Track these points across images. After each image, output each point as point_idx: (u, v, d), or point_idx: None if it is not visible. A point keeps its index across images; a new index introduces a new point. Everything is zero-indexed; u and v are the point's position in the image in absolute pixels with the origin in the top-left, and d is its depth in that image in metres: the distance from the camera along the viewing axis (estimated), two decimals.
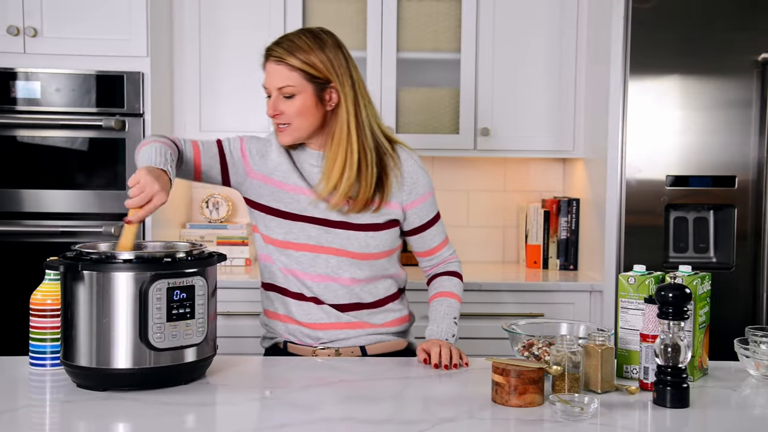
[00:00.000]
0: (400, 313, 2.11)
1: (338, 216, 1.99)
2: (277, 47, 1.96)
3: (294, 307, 2.02)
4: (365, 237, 2.00)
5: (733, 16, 2.92)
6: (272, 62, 1.95)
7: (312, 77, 1.93)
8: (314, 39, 1.95)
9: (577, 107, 3.28)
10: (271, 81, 1.96)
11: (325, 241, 1.99)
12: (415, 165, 2.05)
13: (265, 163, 2.03)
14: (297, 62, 1.92)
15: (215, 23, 3.22)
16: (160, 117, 3.08)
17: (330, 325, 2.02)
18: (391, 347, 2.08)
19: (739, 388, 1.76)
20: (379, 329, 2.05)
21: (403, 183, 2.03)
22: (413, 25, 3.27)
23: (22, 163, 2.96)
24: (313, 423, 1.49)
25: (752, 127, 2.93)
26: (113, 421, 1.51)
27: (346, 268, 2.00)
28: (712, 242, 3.04)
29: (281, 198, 2.01)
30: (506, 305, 3.02)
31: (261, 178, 2.03)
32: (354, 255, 1.99)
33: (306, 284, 2.01)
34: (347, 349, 2.03)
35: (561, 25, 3.26)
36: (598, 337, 1.70)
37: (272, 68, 1.95)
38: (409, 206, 2.05)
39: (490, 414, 1.54)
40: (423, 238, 2.11)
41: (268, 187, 2.02)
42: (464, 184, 3.60)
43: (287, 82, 1.93)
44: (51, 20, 2.93)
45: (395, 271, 2.10)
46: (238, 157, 2.04)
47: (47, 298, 1.77)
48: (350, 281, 2.00)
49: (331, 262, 1.99)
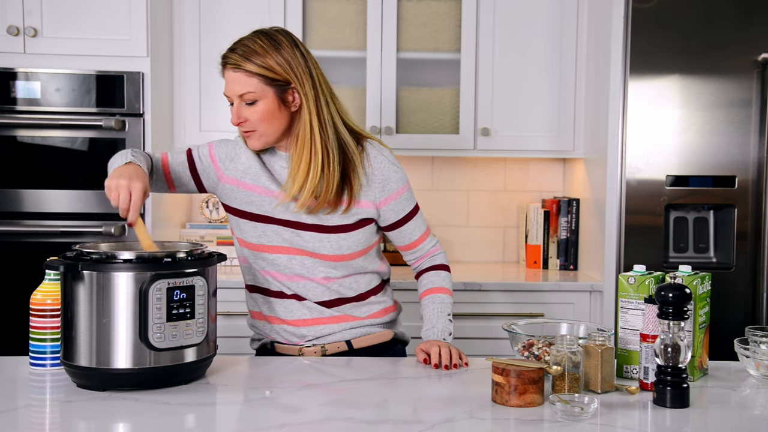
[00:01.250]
0: (384, 304, 2.09)
1: (310, 218, 1.96)
2: (232, 54, 1.90)
3: (277, 306, 2.02)
4: (337, 239, 1.97)
5: (733, 16, 2.92)
6: (230, 70, 1.90)
7: (271, 81, 1.88)
8: (269, 40, 1.90)
9: (577, 107, 3.28)
10: (231, 89, 1.90)
11: (299, 243, 1.97)
12: (386, 161, 2.00)
13: (235, 167, 2.01)
14: (254, 67, 1.87)
15: (215, 23, 3.22)
16: (160, 117, 3.08)
17: (313, 321, 2.01)
18: (377, 339, 2.06)
19: (739, 388, 1.76)
20: (364, 321, 2.04)
21: (373, 180, 1.98)
22: (413, 25, 3.27)
23: (22, 163, 2.96)
24: (312, 423, 1.49)
25: (752, 127, 2.93)
26: (113, 421, 1.51)
27: (321, 270, 1.98)
28: (712, 242, 3.04)
29: (253, 201, 1.98)
30: (506, 305, 3.02)
31: (233, 182, 2.00)
32: (327, 257, 1.97)
33: (285, 284, 2.00)
34: (333, 344, 2.02)
35: (561, 25, 3.26)
36: (598, 337, 1.70)
37: (230, 76, 1.90)
38: (382, 203, 2.00)
39: (490, 414, 1.54)
40: (402, 233, 2.07)
41: (240, 191, 2.00)
42: (464, 184, 3.60)
43: (247, 88, 1.88)
44: (51, 20, 2.93)
45: (375, 267, 2.07)
46: (208, 163, 2.03)
47: (47, 298, 1.77)
48: (327, 280, 1.99)
49: (306, 263, 1.97)
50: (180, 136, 3.24)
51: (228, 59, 1.90)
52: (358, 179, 1.96)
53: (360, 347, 2.03)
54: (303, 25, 3.22)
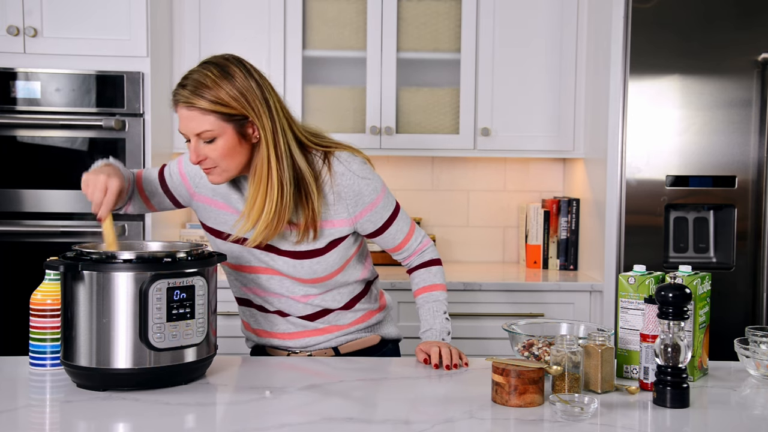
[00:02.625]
0: (369, 308, 2.06)
1: (284, 245, 1.90)
2: (182, 90, 1.78)
3: (261, 319, 2.02)
4: (310, 264, 1.90)
5: (733, 16, 2.92)
6: (182, 107, 1.78)
7: (228, 116, 1.77)
8: (220, 71, 1.79)
9: (577, 107, 3.28)
10: (186, 127, 1.79)
11: (275, 265, 1.93)
12: (354, 177, 1.89)
13: (205, 184, 1.95)
14: (208, 104, 1.75)
15: (215, 23, 3.22)
16: (160, 117, 3.08)
17: (298, 334, 2.00)
18: (363, 344, 2.05)
19: (739, 388, 1.76)
20: (348, 329, 2.02)
21: (344, 197, 1.89)
22: (413, 25, 3.27)
23: (22, 163, 2.96)
24: (312, 423, 1.49)
25: (752, 127, 2.93)
26: (113, 421, 1.51)
27: (300, 289, 1.95)
28: (712, 242, 3.04)
29: (226, 221, 1.93)
30: (506, 305, 3.02)
31: (205, 200, 1.96)
32: (303, 280, 1.94)
33: (266, 300, 1.98)
34: (320, 351, 2.01)
35: (561, 25, 3.26)
36: (598, 337, 1.70)
37: (184, 114, 1.78)
38: (358, 217, 1.92)
39: (490, 414, 1.54)
40: (385, 238, 2.01)
41: (213, 209, 1.95)
42: (464, 184, 3.60)
43: (204, 126, 1.76)
44: (51, 20, 2.93)
45: (356, 276, 2.02)
46: (179, 181, 1.98)
47: (47, 298, 1.77)
48: (307, 297, 1.97)
49: (285, 283, 1.95)
50: (180, 136, 3.24)
51: (179, 96, 1.78)
52: (324, 201, 1.88)
53: (347, 352, 2.03)
54: (303, 25, 3.22)
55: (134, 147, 2.95)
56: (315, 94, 3.25)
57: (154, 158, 2.99)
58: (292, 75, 3.22)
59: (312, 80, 3.28)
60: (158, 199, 2.03)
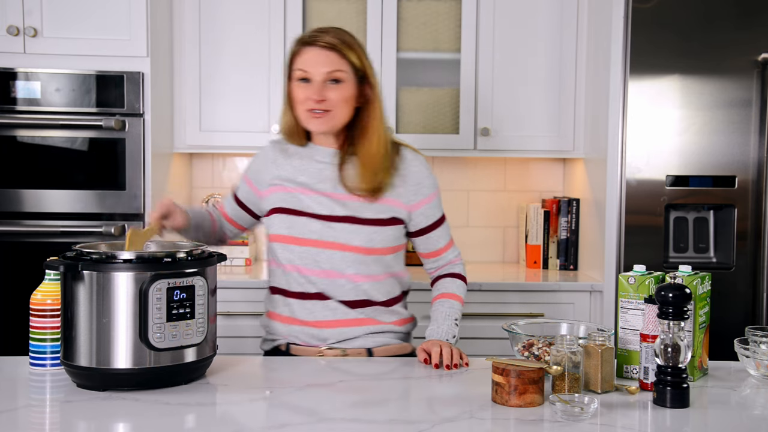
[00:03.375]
0: (404, 315, 2.11)
1: (343, 211, 2.00)
2: (324, 35, 1.99)
3: (297, 307, 2.02)
4: (369, 231, 1.99)
5: (733, 16, 2.92)
6: (320, 48, 1.97)
7: (356, 70, 2.00)
8: (353, 38, 2.04)
9: (577, 107, 3.28)
10: (321, 65, 1.97)
11: (329, 236, 1.99)
12: (421, 166, 2.08)
13: (264, 179, 2.11)
14: (348, 51, 1.99)
15: (215, 23, 3.22)
16: (160, 117, 3.08)
17: (336, 323, 2.00)
18: (396, 350, 2.06)
19: (739, 388, 1.76)
20: (385, 327, 2.04)
21: (407, 182, 2.05)
22: (413, 25, 3.27)
23: (22, 163, 2.96)
24: (312, 423, 1.49)
25: (752, 127, 2.93)
26: (113, 421, 1.51)
27: (350, 264, 1.99)
28: (712, 242, 3.04)
29: (284, 198, 2.04)
30: (506, 305, 3.02)
31: (271, 190, 2.09)
32: (358, 249, 1.98)
33: (311, 280, 2.00)
34: (354, 350, 2.01)
35: (561, 25, 3.26)
36: (598, 337, 1.70)
37: (321, 54, 1.97)
38: (415, 207, 2.06)
39: (490, 414, 1.54)
40: (429, 239, 2.11)
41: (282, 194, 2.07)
42: (464, 184, 3.60)
43: (339, 67, 1.97)
44: (51, 20, 2.93)
45: (399, 269, 2.09)
46: (246, 189, 2.16)
47: (47, 298, 1.77)
48: (356, 277, 2.00)
49: (335, 257, 1.99)
50: (180, 136, 3.24)
51: (319, 38, 1.98)
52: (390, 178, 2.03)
53: (380, 356, 2.03)
54: (303, 26, 3.22)
55: (134, 147, 2.95)
56: None
57: (154, 158, 2.99)
58: None
59: None
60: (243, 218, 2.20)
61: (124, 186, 2.95)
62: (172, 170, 3.27)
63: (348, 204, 2.01)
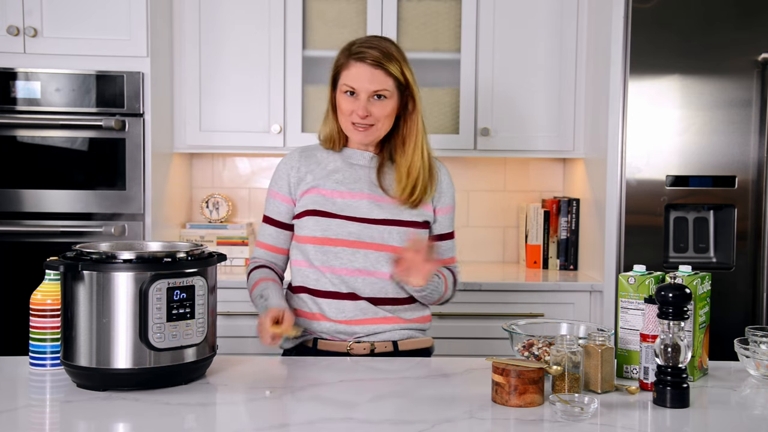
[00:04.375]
0: (425, 311, 2.15)
1: (380, 213, 2.05)
2: (372, 51, 2.02)
3: (326, 306, 2.05)
4: (404, 232, 2.05)
5: (733, 16, 2.92)
6: (368, 65, 2.02)
7: (400, 85, 2.06)
8: (398, 49, 2.08)
9: (577, 107, 3.28)
10: (368, 82, 2.02)
11: (366, 236, 2.03)
12: (446, 175, 2.19)
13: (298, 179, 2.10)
14: (394, 69, 2.04)
15: (215, 23, 3.22)
16: (160, 117, 3.08)
17: (366, 321, 2.04)
18: (420, 344, 2.12)
19: (739, 388, 1.76)
20: (410, 324, 2.09)
21: (437, 190, 2.14)
22: (413, 25, 3.27)
23: (22, 163, 2.96)
24: (312, 423, 1.49)
25: (752, 127, 2.93)
26: (113, 421, 1.51)
27: (385, 263, 2.03)
28: (712, 242, 3.04)
29: (316, 200, 2.07)
30: (506, 305, 3.02)
31: (300, 194, 2.10)
32: (394, 249, 2.02)
33: (344, 279, 2.03)
34: (381, 343, 2.05)
35: (561, 25, 3.26)
36: (598, 337, 1.70)
37: (369, 71, 2.02)
38: (438, 212, 2.16)
39: (490, 414, 1.54)
40: (440, 248, 2.16)
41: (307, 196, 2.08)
42: (464, 184, 3.60)
43: (384, 86, 2.03)
44: (51, 20, 2.93)
45: None
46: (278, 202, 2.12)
47: (47, 298, 1.77)
48: (388, 275, 2.04)
49: (370, 257, 2.03)
50: (180, 136, 3.24)
51: (368, 54, 2.02)
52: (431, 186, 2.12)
53: (404, 349, 2.07)
54: (303, 25, 3.22)
55: (134, 147, 2.95)
56: (315, 94, 3.25)
57: (154, 158, 2.99)
58: (292, 75, 3.22)
59: (312, 80, 3.27)
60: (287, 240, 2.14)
61: (124, 186, 2.95)
62: (172, 170, 3.27)
63: (384, 206, 2.06)
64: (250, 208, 3.60)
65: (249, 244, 3.34)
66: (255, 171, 3.61)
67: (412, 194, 2.06)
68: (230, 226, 3.38)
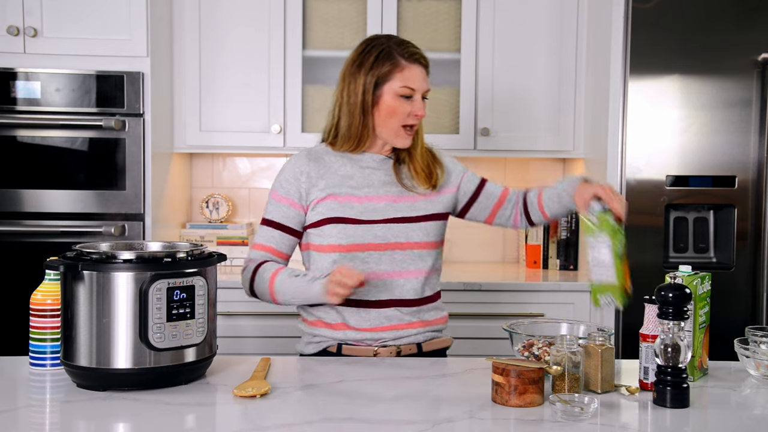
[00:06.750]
0: (444, 312, 2.17)
1: (399, 211, 2.05)
2: (419, 51, 2.08)
3: (349, 314, 2.03)
4: (425, 226, 2.07)
5: (733, 16, 2.92)
6: (422, 67, 2.07)
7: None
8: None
9: (577, 107, 3.28)
10: (423, 85, 2.06)
11: (391, 236, 2.03)
12: (444, 155, 2.22)
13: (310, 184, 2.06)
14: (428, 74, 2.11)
15: (215, 23, 3.22)
16: (160, 117, 3.08)
17: (391, 327, 2.04)
18: (441, 343, 2.14)
19: (739, 388, 1.76)
20: (432, 326, 2.11)
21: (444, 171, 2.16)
22: (413, 25, 3.27)
23: (22, 163, 2.96)
24: (312, 423, 1.49)
25: (752, 127, 2.93)
26: (113, 421, 1.51)
27: (411, 261, 2.05)
28: (712, 242, 3.04)
29: (333, 207, 2.04)
30: (506, 305, 3.02)
31: (314, 202, 2.06)
32: (418, 245, 2.05)
33: (372, 284, 2.01)
34: (407, 346, 2.06)
35: (561, 25, 3.26)
36: (598, 337, 1.70)
37: (423, 72, 2.07)
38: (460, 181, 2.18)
39: (490, 414, 1.54)
40: (488, 190, 2.21)
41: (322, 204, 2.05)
42: None
43: (429, 87, 2.10)
44: (51, 20, 2.93)
45: (440, 264, 2.17)
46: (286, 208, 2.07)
47: (47, 298, 1.77)
48: (415, 273, 2.05)
49: (396, 257, 2.04)
50: (180, 136, 3.24)
51: (420, 56, 2.07)
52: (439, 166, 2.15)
53: (428, 350, 2.09)
54: (303, 25, 3.22)
55: (134, 147, 2.95)
56: (315, 94, 3.25)
57: (154, 158, 2.99)
58: (291, 75, 3.22)
59: (312, 80, 3.28)
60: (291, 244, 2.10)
61: (124, 186, 2.95)
62: (172, 170, 3.27)
63: (400, 206, 2.06)
64: (250, 208, 3.60)
65: (249, 244, 3.34)
66: (255, 171, 3.61)
67: (430, 177, 2.10)
68: (230, 226, 3.38)
